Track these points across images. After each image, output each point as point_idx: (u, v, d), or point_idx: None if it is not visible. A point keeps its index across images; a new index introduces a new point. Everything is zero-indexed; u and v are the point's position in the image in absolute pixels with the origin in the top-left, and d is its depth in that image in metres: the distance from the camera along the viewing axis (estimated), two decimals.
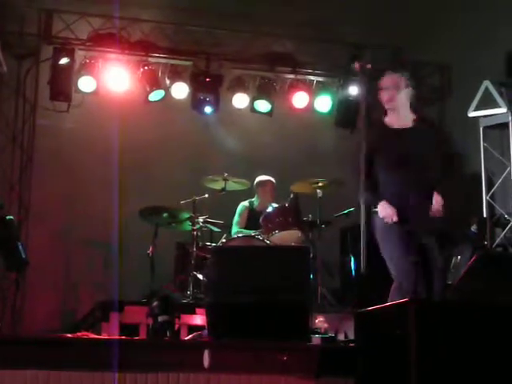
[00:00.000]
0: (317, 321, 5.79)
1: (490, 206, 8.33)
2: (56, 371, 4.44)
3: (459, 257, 7.58)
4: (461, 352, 3.92)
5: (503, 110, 8.11)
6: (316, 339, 5.26)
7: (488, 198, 8.32)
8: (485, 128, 8.40)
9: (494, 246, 8.04)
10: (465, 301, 4.34)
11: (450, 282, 7.17)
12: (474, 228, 8.14)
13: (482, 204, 8.32)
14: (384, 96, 5.59)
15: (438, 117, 9.86)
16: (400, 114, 5.58)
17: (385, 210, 5.35)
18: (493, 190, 8.35)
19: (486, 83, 8.20)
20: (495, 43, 8.37)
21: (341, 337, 6.11)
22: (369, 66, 5.63)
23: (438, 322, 3.95)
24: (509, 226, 8.01)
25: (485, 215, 8.26)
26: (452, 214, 5.44)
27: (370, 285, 5.06)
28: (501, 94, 8.15)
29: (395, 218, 5.30)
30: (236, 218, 8.46)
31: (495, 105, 8.17)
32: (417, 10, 9.16)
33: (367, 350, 4.45)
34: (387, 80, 5.61)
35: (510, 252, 7.79)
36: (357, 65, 5.65)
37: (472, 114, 8.36)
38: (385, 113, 5.64)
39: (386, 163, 5.46)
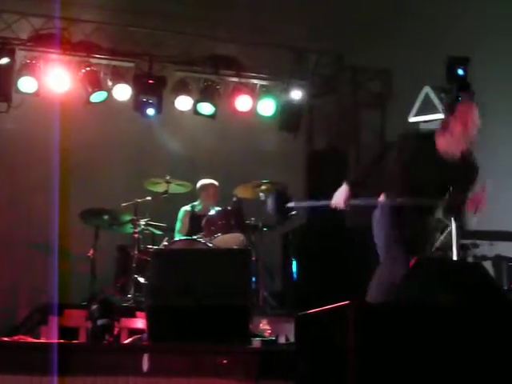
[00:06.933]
0: (260, 324, 5.79)
1: None
2: None
3: None
4: (399, 355, 3.96)
5: (442, 115, 8.20)
6: (257, 342, 5.27)
7: None
8: None
9: (433, 249, 8.12)
10: (403, 304, 4.38)
11: None
12: None
13: None
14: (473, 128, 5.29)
15: (379, 122, 9.98)
16: (455, 145, 5.34)
17: (339, 194, 5.44)
18: None
19: (427, 89, 8.29)
20: (436, 49, 8.48)
21: (282, 340, 6.13)
22: None
23: (377, 325, 3.98)
24: (447, 229, 8.10)
25: None
26: None
27: (311, 287, 5.09)
28: (441, 100, 8.24)
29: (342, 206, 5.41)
30: (178, 225, 8.43)
31: (435, 110, 8.27)
32: (357, 15, 9.24)
33: (308, 353, 4.46)
34: (475, 111, 5.32)
35: (449, 255, 7.89)
36: None
37: (412, 119, 8.44)
38: (441, 132, 5.41)
39: (409, 178, 5.45)
